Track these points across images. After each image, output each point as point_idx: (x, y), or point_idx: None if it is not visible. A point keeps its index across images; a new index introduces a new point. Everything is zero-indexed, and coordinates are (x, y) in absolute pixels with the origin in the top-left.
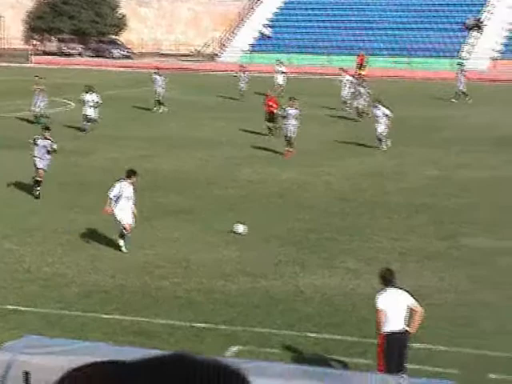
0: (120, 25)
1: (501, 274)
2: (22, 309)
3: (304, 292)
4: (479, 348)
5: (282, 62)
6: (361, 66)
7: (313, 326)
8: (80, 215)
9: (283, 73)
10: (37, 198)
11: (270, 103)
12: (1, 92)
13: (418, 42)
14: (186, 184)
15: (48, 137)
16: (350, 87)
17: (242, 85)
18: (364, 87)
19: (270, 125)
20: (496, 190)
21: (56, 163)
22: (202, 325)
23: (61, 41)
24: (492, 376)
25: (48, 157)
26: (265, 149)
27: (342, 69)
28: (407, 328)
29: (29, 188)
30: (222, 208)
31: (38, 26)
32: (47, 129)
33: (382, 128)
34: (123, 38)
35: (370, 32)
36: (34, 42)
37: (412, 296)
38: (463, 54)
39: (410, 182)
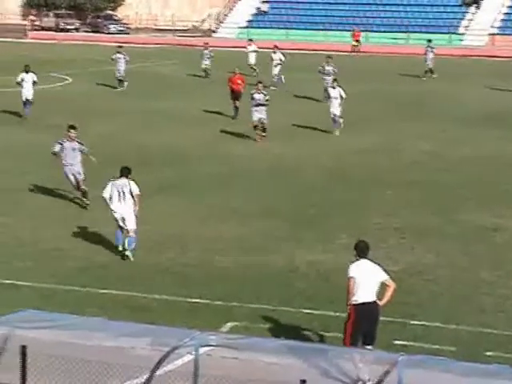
0: (117, 0)
1: (498, 251)
2: (18, 283)
3: (299, 268)
4: (476, 325)
5: (252, 40)
6: (356, 42)
7: (308, 301)
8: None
9: (255, 51)
10: (84, 207)
11: (238, 81)
12: None
13: (416, 17)
14: (179, 160)
15: (74, 137)
16: (280, 65)
17: (205, 62)
18: (331, 65)
19: (235, 104)
20: (486, 167)
21: (53, 139)
22: (198, 300)
23: (58, 16)
24: (489, 353)
25: (79, 159)
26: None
27: (275, 46)
28: (378, 301)
29: (21, 161)
30: (217, 183)
31: (36, 1)
32: (73, 128)
33: (337, 110)
34: (120, 13)
35: (368, 8)
36: (32, 17)
37: (385, 271)
38: (461, 30)
39: (403, 157)
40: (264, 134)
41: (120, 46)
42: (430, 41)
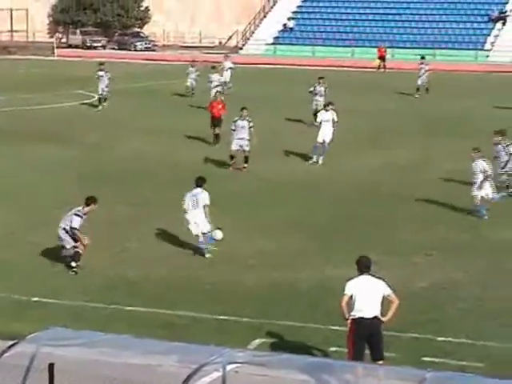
0: (144, 18)
1: None
2: (46, 301)
3: (328, 285)
4: (504, 341)
5: (229, 56)
6: (382, 58)
7: (338, 319)
8: (101, 207)
9: (230, 68)
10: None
11: (219, 106)
12: (25, 85)
13: (443, 34)
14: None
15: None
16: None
17: (190, 80)
18: (323, 86)
19: (216, 131)
20: None
21: (76, 156)
22: (226, 317)
23: (85, 34)
24: None
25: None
26: (282, 143)
27: (225, 56)
28: (380, 316)
29: (50, 179)
30: (244, 201)
31: (62, 19)
32: (96, 201)
33: (327, 135)
34: (147, 30)
35: (394, 24)
36: (58, 34)
37: (389, 286)
38: (487, 46)
39: (432, 174)
40: (245, 165)
41: (101, 64)
42: (423, 57)
